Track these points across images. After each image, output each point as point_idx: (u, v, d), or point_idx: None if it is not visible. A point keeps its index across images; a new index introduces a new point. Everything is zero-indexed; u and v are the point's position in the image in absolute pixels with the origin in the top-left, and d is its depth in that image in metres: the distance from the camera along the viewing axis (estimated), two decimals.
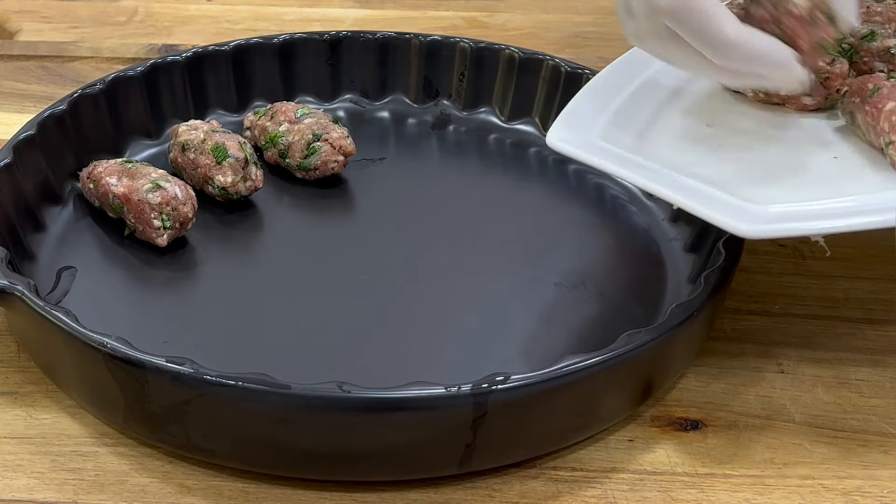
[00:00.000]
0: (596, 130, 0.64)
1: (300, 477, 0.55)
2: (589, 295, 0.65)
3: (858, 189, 0.59)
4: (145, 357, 0.53)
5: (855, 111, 0.61)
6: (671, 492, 0.56)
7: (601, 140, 0.63)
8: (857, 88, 0.61)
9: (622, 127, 0.64)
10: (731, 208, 0.56)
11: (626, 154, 0.61)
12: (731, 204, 0.57)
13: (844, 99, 0.62)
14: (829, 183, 0.59)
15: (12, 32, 0.94)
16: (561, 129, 0.64)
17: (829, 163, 0.61)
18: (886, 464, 0.58)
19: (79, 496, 0.55)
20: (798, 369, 0.63)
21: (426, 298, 0.65)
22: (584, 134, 0.63)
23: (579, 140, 0.62)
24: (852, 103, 0.61)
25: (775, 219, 0.56)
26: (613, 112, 0.65)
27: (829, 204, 0.57)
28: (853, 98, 0.61)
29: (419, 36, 0.81)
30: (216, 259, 0.68)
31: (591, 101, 0.66)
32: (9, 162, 0.66)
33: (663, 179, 0.59)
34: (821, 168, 0.61)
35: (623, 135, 0.63)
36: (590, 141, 0.62)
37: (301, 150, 0.73)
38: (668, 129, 0.65)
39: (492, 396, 0.53)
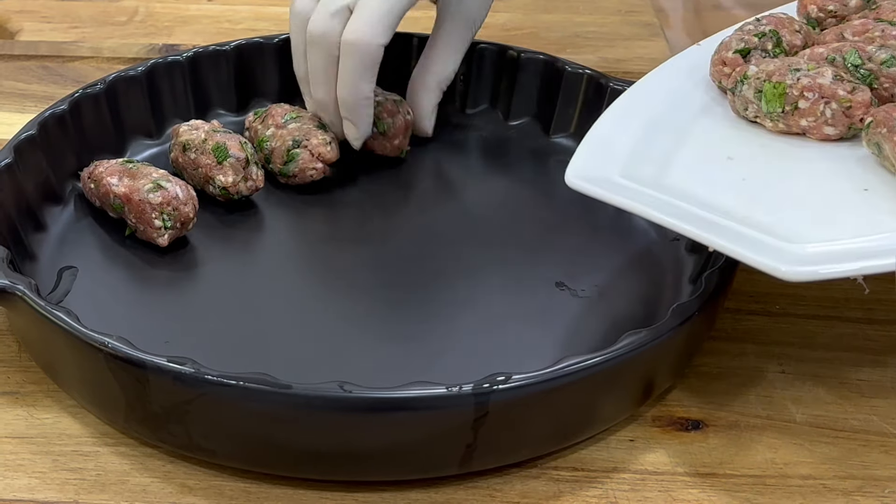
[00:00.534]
0: (615, 166, 0.62)
1: (301, 477, 0.55)
2: (590, 295, 0.65)
3: (894, 223, 0.56)
4: (146, 357, 0.53)
5: (882, 141, 0.59)
6: (672, 492, 0.56)
7: (621, 177, 0.61)
8: (882, 118, 0.59)
9: (641, 161, 0.62)
10: (768, 249, 0.54)
11: (651, 192, 0.59)
12: (768, 244, 0.55)
13: (869, 129, 0.60)
14: (865, 218, 0.57)
15: (13, 32, 0.94)
16: (579, 167, 0.62)
17: (860, 195, 0.59)
18: (887, 464, 0.58)
19: (80, 496, 0.55)
20: (799, 369, 0.63)
21: (427, 298, 0.65)
22: (604, 170, 0.61)
23: (600, 178, 0.60)
24: (878, 133, 0.59)
25: (816, 259, 0.54)
26: (632, 145, 0.64)
27: (869, 241, 0.55)
28: (879, 128, 0.59)
29: (420, 36, 0.81)
30: (217, 259, 0.68)
31: (608, 135, 0.65)
32: (10, 162, 0.66)
33: (695, 219, 0.57)
34: (852, 201, 0.59)
35: (643, 169, 0.61)
36: (610, 178, 0.61)
37: (281, 156, 0.73)
38: (689, 161, 0.63)
39: (493, 396, 0.53)
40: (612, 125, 0.65)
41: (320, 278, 0.66)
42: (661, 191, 0.59)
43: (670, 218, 0.56)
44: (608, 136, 0.64)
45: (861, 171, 0.61)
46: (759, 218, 0.57)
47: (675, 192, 0.59)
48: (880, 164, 0.60)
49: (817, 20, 0.71)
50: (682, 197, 0.59)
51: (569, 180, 0.60)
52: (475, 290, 0.66)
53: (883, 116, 0.60)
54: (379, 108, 0.74)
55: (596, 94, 0.77)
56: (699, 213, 0.57)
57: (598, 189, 0.59)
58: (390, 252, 0.69)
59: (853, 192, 0.59)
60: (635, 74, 0.86)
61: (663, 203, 0.58)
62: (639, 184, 0.60)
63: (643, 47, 0.94)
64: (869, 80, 0.64)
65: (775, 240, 0.55)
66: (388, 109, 0.74)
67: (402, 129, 0.75)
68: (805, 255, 0.54)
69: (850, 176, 0.61)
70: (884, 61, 0.64)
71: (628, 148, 0.63)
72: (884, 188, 0.59)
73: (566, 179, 0.60)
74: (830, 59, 0.65)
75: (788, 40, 0.68)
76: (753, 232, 0.56)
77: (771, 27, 0.68)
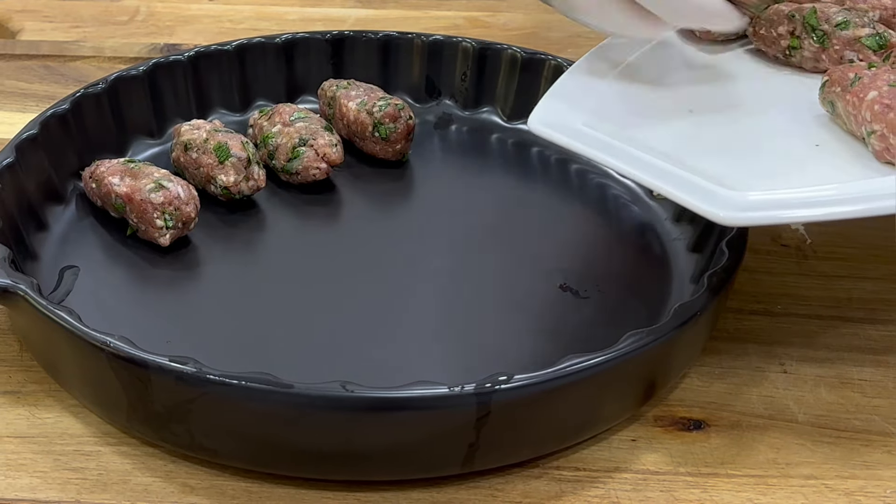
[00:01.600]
0: (579, 115, 0.63)
1: (303, 476, 0.55)
2: (591, 295, 0.65)
3: (839, 177, 0.58)
4: (148, 356, 0.53)
5: (835, 100, 0.61)
6: (674, 492, 0.56)
7: (584, 125, 0.62)
8: (837, 77, 0.61)
9: (606, 111, 0.64)
10: (710, 194, 0.56)
11: (607, 139, 0.61)
12: (711, 190, 0.56)
13: (824, 88, 0.62)
14: (810, 170, 0.59)
15: (14, 32, 0.94)
16: (543, 113, 0.63)
17: (811, 150, 0.61)
18: (889, 464, 0.58)
19: (81, 495, 0.55)
20: (801, 369, 0.63)
21: (429, 298, 0.65)
22: (567, 118, 0.63)
23: (562, 124, 0.62)
24: (833, 92, 0.61)
25: (754, 206, 0.55)
26: (598, 96, 0.65)
27: (809, 192, 0.57)
28: (833, 87, 0.61)
29: (421, 36, 0.81)
30: (219, 258, 0.68)
31: (577, 84, 0.66)
32: (11, 161, 0.66)
33: (642, 164, 0.59)
34: (802, 155, 0.61)
35: (606, 119, 0.63)
36: (572, 125, 0.62)
37: (286, 153, 0.73)
38: (651, 113, 0.64)
39: (495, 396, 0.53)
40: (582, 75, 0.67)
41: (322, 278, 0.66)
42: (620, 139, 0.61)
43: (622, 163, 0.59)
44: (576, 86, 0.66)
45: (815, 128, 0.62)
46: (707, 167, 0.58)
47: (631, 139, 0.61)
48: (833, 122, 0.62)
49: None
50: (635, 143, 0.60)
51: (531, 125, 0.62)
52: (477, 290, 0.66)
53: (838, 76, 0.61)
54: (380, 112, 0.74)
55: None
56: (651, 161, 0.59)
57: (558, 134, 0.61)
58: (391, 252, 0.69)
59: (805, 147, 0.61)
60: None
61: (618, 150, 0.60)
62: (600, 132, 0.61)
63: None
64: (822, 40, 0.66)
65: (720, 188, 0.56)
66: (390, 114, 0.74)
67: (403, 133, 0.74)
68: (745, 202, 0.55)
69: (804, 132, 0.62)
70: (838, 24, 0.65)
71: (594, 98, 0.64)
72: (835, 144, 0.61)
73: (528, 123, 0.63)
74: (790, 15, 0.67)
75: None
76: (700, 179, 0.57)
77: None
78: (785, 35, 0.67)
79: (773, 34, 0.68)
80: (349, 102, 0.75)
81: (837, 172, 0.59)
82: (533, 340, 0.62)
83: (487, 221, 0.71)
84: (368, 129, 0.74)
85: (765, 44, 0.69)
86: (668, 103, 0.65)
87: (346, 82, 0.77)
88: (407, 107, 0.75)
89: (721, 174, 0.58)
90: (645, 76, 0.67)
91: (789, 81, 0.68)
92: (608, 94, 0.65)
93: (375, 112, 0.74)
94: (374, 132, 0.74)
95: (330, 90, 0.77)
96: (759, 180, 0.58)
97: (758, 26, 0.68)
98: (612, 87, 0.66)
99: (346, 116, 0.76)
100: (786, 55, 0.68)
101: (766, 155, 0.61)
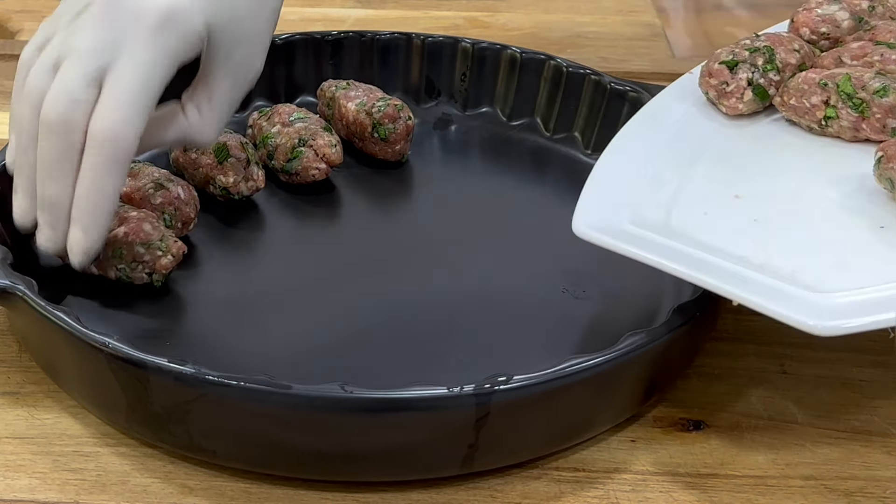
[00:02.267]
0: (624, 211, 0.60)
1: (302, 477, 0.55)
2: (591, 295, 0.65)
3: None
4: (147, 357, 0.53)
5: (895, 178, 0.58)
6: (673, 492, 0.56)
7: (632, 224, 0.59)
8: (894, 153, 0.58)
9: (649, 203, 0.61)
10: (794, 301, 0.53)
11: (664, 240, 0.58)
12: (793, 295, 0.53)
13: (880, 165, 0.59)
14: (886, 260, 0.56)
15: (13, 32, 0.94)
16: (587, 215, 0.59)
17: (877, 234, 0.58)
18: (889, 464, 0.58)
19: (80, 496, 0.55)
20: (800, 370, 0.63)
21: (428, 298, 0.65)
22: (613, 217, 0.60)
23: (609, 226, 0.59)
24: (891, 169, 0.58)
25: (847, 311, 0.52)
26: (637, 187, 0.62)
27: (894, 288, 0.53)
28: (891, 164, 0.58)
29: (421, 36, 0.81)
30: (218, 259, 0.68)
31: (611, 177, 0.63)
32: None
33: (714, 270, 0.55)
34: (870, 242, 0.58)
35: (651, 212, 0.60)
36: (620, 226, 0.59)
37: (285, 153, 0.73)
38: (696, 201, 0.61)
39: (494, 397, 0.53)
40: (614, 165, 0.64)
41: (321, 278, 0.66)
42: (673, 237, 0.58)
43: (690, 270, 0.55)
44: (612, 179, 0.63)
45: (874, 208, 0.59)
46: (778, 264, 0.56)
47: (687, 238, 0.58)
48: (893, 200, 0.59)
49: (811, 42, 0.70)
50: (694, 243, 0.57)
51: (577, 230, 0.59)
52: (476, 291, 0.65)
53: (894, 151, 0.58)
54: (380, 113, 0.74)
55: (597, 94, 0.77)
56: (716, 263, 0.56)
57: (610, 239, 0.57)
58: (391, 252, 0.69)
59: (869, 231, 0.58)
60: (636, 74, 0.87)
61: (678, 253, 0.56)
62: (649, 230, 0.58)
63: (644, 47, 0.95)
64: (861, 108, 0.63)
65: (799, 289, 0.54)
66: (390, 115, 0.74)
67: (403, 134, 0.74)
68: (833, 307, 0.52)
69: (863, 213, 0.59)
70: (876, 91, 0.63)
71: (634, 190, 0.62)
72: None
73: (574, 229, 0.59)
74: (822, 84, 0.64)
75: (783, 58, 0.67)
76: (775, 281, 0.54)
77: (767, 44, 0.67)
78: (819, 105, 0.64)
79: (805, 105, 0.65)
80: (348, 103, 0.75)
81: None
82: (532, 341, 0.62)
83: (487, 221, 0.71)
84: (368, 130, 0.74)
85: (796, 114, 0.66)
86: (709, 188, 0.62)
87: (346, 83, 0.77)
88: (406, 107, 0.75)
89: (793, 270, 0.55)
90: (679, 160, 0.64)
91: (831, 154, 0.64)
92: (646, 183, 0.62)
93: (375, 112, 0.74)
94: (374, 132, 0.74)
95: (329, 90, 0.77)
96: (834, 276, 0.55)
97: (787, 96, 0.66)
98: (649, 175, 0.63)
99: (345, 117, 0.75)
100: (821, 125, 0.65)
101: (832, 243, 0.58)
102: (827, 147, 0.65)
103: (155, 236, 0.63)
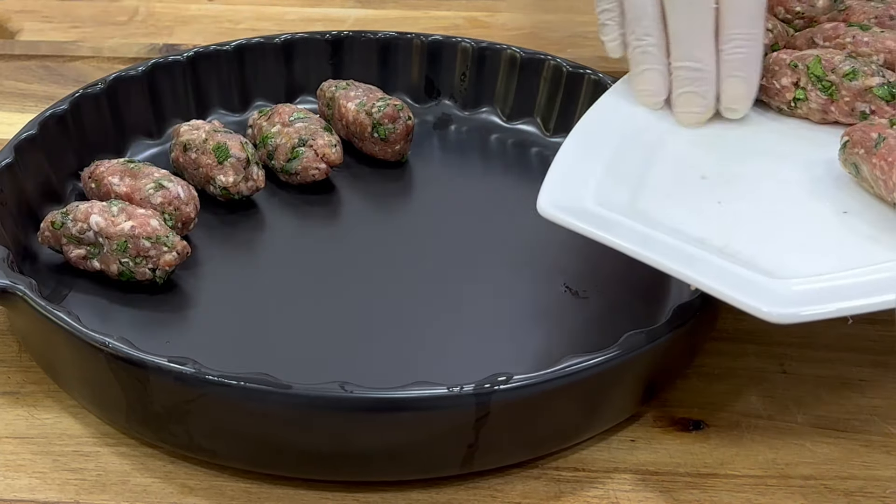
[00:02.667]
0: (588, 192, 0.59)
1: (302, 477, 0.55)
2: (591, 295, 0.65)
3: (882, 255, 0.54)
4: (147, 357, 0.53)
5: (859, 163, 0.58)
6: (673, 492, 0.56)
7: (596, 204, 0.58)
8: (858, 139, 0.58)
9: (614, 184, 0.60)
10: (752, 287, 0.52)
11: (627, 220, 0.57)
12: (751, 280, 0.52)
13: (845, 149, 0.59)
14: (847, 246, 0.56)
15: (13, 32, 0.94)
16: (551, 194, 0.59)
17: (840, 219, 0.58)
18: (889, 464, 0.58)
19: (80, 496, 0.55)
20: (800, 370, 0.63)
21: (428, 298, 0.65)
22: (577, 197, 0.59)
23: (573, 206, 0.58)
24: (856, 154, 0.58)
25: (804, 299, 0.51)
26: (603, 167, 0.61)
27: (857, 277, 0.53)
28: (856, 149, 0.58)
29: (420, 36, 0.81)
30: (218, 259, 0.68)
31: (579, 157, 0.62)
32: (10, 162, 0.66)
33: (674, 253, 0.54)
34: (832, 227, 0.57)
35: (617, 193, 0.59)
36: (584, 206, 0.58)
37: (285, 153, 0.73)
38: (662, 182, 0.61)
39: (494, 397, 0.53)
40: (582, 146, 0.63)
41: (321, 278, 0.66)
42: (637, 218, 0.57)
43: (649, 252, 0.54)
44: (579, 159, 0.62)
45: (838, 192, 0.59)
46: (738, 248, 0.55)
47: (651, 220, 0.57)
48: (858, 185, 0.59)
49: (786, 21, 0.70)
50: (657, 225, 0.57)
51: (541, 209, 0.58)
52: (476, 291, 0.65)
53: (859, 136, 0.58)
54: (380, 113, 0.74)
55: (597, 93, 0.77)
56: (675, 245, 0.55)
57: (572, 219, 0.57)
58: (391, 252, 0.69)
59: (832, 216, 0.58)
60: None
61: (640, 235, 0.56)
62: (614, 210, 0.58)
63: None
64: (830, 91, 0.63)
65: (757, 274, 0.53)
66: (389, 115, 0.74)
67: (402, 134, 0.74)
68: (790, 294, 0.52)
69: (827, 197, 0.59)
70: (846, 74, 0.62)
71: (600, 170, 0.61)
72: (863, 211, 0.58)
73: (538, 208, 0.58)
74: (792, 65, 0.64)
75: None
76: (733, 266, 0.54)
77: None
78: (789, 87, 0.65)
79: (775, 85, 0.65)
80: (348, 103, 0.75)
81: (879, 247, 0.55)
82: (532, 340, 0.62)
83: (486, 222, 0.71)
84: (367, 130, 0.74)
85: (766, 95, 0.66)
86: (675, 169, 0.62)
87: (345, 83, 0.77)
88: (406, 107, 0.75)
89: (752, 255, 0.55)
90: (647, 140, 0.64)
91: (799, 136, 0.64)
92: (613, 164, 0.62)
93: (374, 112, 0.74)
94: (374, 133, 0.74)
95: (329, 90, 0.77)
96: (795, 259, 0.54)
97: None
98: (616, 155, 0.63)
99: (345, 117, 0.75)
100: (790, 107, 0.65)
101: (793, 226, 0.58)
102: (795, 129, 0.65)
103: (161, 232, 0.63)
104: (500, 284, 0.66)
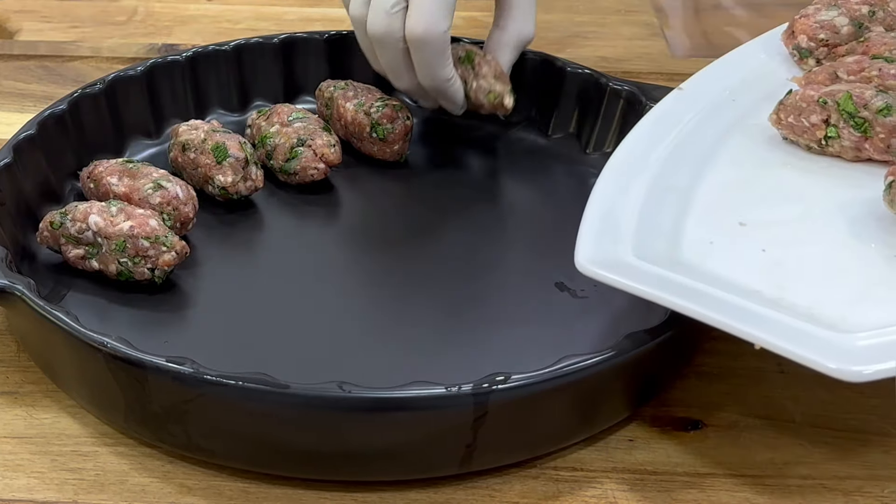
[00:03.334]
0: (625, 244, 0.58)
1: (300, 477, 0.55)
2: (589, 294, 0.65)
3: None
4: (145, 357, 0.53)
5: None
6: (672, 492, 0.56)
7: (636, 256, 0.57)
8: None
9: (651, 234, 0.58)
10: (817, 342, 0.50)
11: (671, 274, 0.55)
12: (815, 336, 0.51)
13: (891, 190, 0.57)
14: None
15: (12, 32, 0.94)
16: (588, 248, 0.57)
17: (891, 264, 0.56)
18: (887, 464, 0.58)
19: (79, 496, 0.55)
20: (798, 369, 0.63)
21: (426, 298, 0.65)
22: (615, 251, 0.57)
23: (613, 260, 0.56)
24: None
25: (872, 355, 0.49)
26: (637, 215, 0.60)
27: None
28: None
29: None
30: (217, 258, 0.68)
31: (610, 206, 0.60)
32: (9, 161, 0.66)
33: (733, 311, 0.52)
34: (885, 272, 0.55)
35: (654, 243, 0.58)
36: (624, 260, 0.56)
37: (284, 153, 0.73)
38: (700, 230, 0.59)
39: (492, 396, 0.53)
40: (612, 194, 0.61)
41: (319, 278, 0.66)
42: (680, 270, 0.56)
43: (706, 311, 0.52)
44: (610, 208, 0.60)
45: (883, 234, 0.57)
46: (793, 300, 0.54)
47: (695, 272, 0.56)
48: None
49: (808, 49, 0.69)
50: (703, 276, 0.55)
51: (580, 266, 0.56)
52: (474, 291, 0.65)
53: None
54: (378, 113, 0.74)
55: (596, 93, 0.77)
56: (730, 300, 0.53)
57: (615, 276, 0.55)
58: (389, 252, 0.69)
59: (881, 260, 0.56)
60: (635, 74, 0.87)
61: (689, 290, 0.54)
62: (655, 263, 0.56)
63: (643, 47, 0.94)
64: (864, 128, 0.61)
65: (819, 329, 0.52)
66: (388, 115, 0.74)
67: (401, 134, 0.74)
68: (857, 350, 0.50)
69: (874, 240, 0.57)
70: (880, 109, 0.60)
71: (634, 218, 0.60)
72: None
73: (577, 265, 0.56)
74: (822, 102, 0.62)
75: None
76: (794, 320, 0.52)
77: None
78: (819, 124, 0.62)
79: (804, 123, 0.62)
80: (347, 103, 0.75)
81: None
82: (530, 340, 0.62)
83: (485, 221, 0.71)
84: (366, 130, 0.74)
85: (794, 133, 0.63)
86: (711, 216, 0.60)
87: (344, 83, 0.77)
88: (405, 107, 0.75)
89: (809, 306, 0.53)
90: (677, 185, 0.62)
91: (833, 175, 0.62)
92: (646, 211, 0.60)
93: (373, 113, 0.74)
94: (372, 133, 0.74)
95: (328, 91, 0.77)
96: (855, 311, 0.52)
97: (784, 114, 0.63)
98: (648, 201, 0.61)
99: (343, 117, 0.75)
100: (821, 145, 0.63)
101: (846, 275, 0.56)
102: (828, 168, 0.63)
103: (160, 232, 0.63)
104: (499, 284, 0.66)
